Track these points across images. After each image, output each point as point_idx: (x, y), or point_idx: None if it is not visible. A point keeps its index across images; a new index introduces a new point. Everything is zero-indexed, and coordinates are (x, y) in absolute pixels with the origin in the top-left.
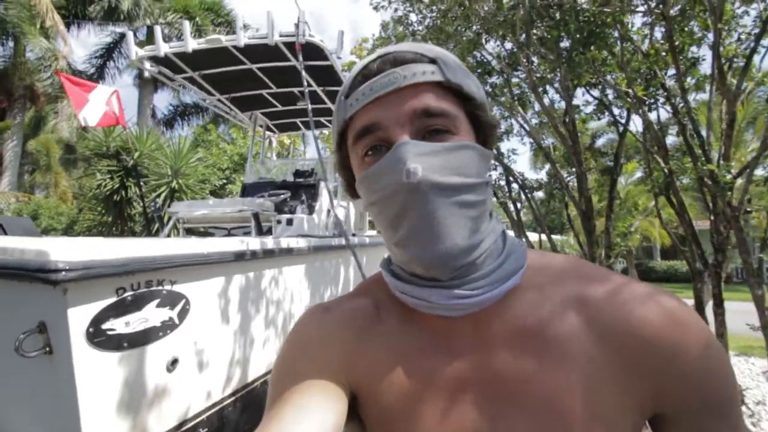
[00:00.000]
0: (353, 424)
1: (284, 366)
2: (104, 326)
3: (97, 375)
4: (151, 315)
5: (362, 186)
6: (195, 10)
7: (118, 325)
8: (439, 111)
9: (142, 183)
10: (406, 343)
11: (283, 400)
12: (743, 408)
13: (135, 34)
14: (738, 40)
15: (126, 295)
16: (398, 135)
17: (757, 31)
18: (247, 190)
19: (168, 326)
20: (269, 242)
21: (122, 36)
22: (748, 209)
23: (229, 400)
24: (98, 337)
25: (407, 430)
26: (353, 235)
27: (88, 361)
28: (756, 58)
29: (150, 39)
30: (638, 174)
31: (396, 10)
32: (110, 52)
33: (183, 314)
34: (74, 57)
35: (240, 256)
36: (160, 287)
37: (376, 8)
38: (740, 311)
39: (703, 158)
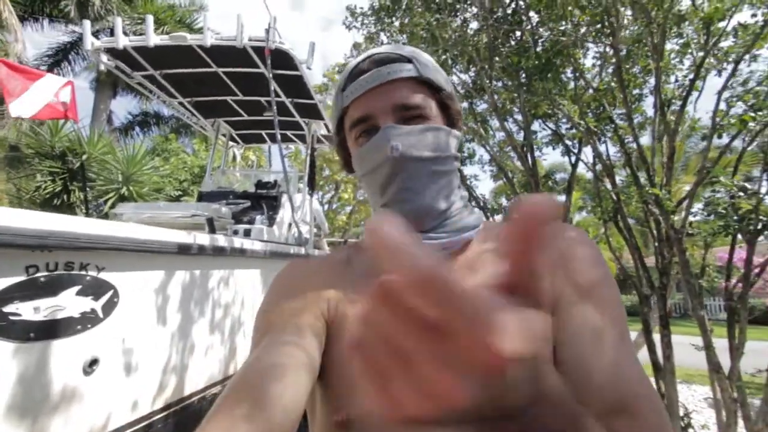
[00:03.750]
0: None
1: (269, 305)
2: (5, 309)
3: None
4: (69, 303)
5: (357, 161)
6: (166, 19)
7: (24, 311)
8: (413, 104)
9: (88, 188)
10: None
11: (266, 338)
12: None
13: (97, 36)
14: (675, 82)
15: (38, 275)
16: (384, 121)
17: (692, 76)
18: (204, 199)
19: (89, 319)
20: (220, 239)
21: (81, 36)
22: (690, 231)
23: (160, 414)
24: None
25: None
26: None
27: None
28: (690, 100)
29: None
30: (583, 209)
31: (367, 29)
32: (66, 52)
33: (109, 307)
34: (26, 54)
35: (185, 249)
36: (83, 272)
37: (348, 27)
38: (680, 343)
39: (649, 184)
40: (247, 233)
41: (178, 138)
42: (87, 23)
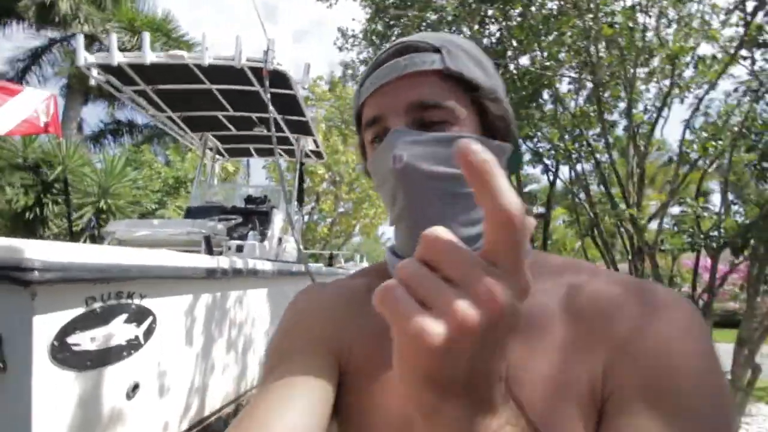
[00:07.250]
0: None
1: (280, 336)
2: (70, 340)
3: (54, 398)
4: (118, 331)
5: (369, 171)
6: (142, 27)
7: (83, 341)
8: (432, 103)
9: (63, 201)
10: None
11: (275, 373)
12: None
13: (63, 43)
14: (645, 111)
15: (95, 306)
16: (394, 124)
17: (659, 104)
18: (193, 214)
19: (132, 345)
20: (239, 261)
21: (52, 41)
22: (662, 248)
23: None
24: (63, 352)
25: (377, 397)
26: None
27: (47, 382)
28: (657, 125)
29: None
30: (559, 220)
31: (359, 53)
32: (37, 57)
33: (149, 333)
34: None
35: (211, 273)
36: (129, 300)
37: (340, 49)
38: None
39: (625, 204)
40: (239, 249)
41: (151, 147)
42: (80, 37)
